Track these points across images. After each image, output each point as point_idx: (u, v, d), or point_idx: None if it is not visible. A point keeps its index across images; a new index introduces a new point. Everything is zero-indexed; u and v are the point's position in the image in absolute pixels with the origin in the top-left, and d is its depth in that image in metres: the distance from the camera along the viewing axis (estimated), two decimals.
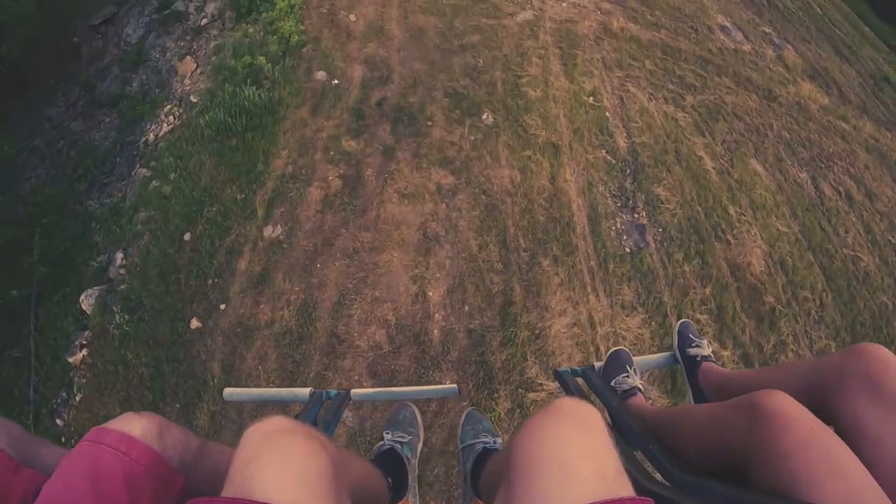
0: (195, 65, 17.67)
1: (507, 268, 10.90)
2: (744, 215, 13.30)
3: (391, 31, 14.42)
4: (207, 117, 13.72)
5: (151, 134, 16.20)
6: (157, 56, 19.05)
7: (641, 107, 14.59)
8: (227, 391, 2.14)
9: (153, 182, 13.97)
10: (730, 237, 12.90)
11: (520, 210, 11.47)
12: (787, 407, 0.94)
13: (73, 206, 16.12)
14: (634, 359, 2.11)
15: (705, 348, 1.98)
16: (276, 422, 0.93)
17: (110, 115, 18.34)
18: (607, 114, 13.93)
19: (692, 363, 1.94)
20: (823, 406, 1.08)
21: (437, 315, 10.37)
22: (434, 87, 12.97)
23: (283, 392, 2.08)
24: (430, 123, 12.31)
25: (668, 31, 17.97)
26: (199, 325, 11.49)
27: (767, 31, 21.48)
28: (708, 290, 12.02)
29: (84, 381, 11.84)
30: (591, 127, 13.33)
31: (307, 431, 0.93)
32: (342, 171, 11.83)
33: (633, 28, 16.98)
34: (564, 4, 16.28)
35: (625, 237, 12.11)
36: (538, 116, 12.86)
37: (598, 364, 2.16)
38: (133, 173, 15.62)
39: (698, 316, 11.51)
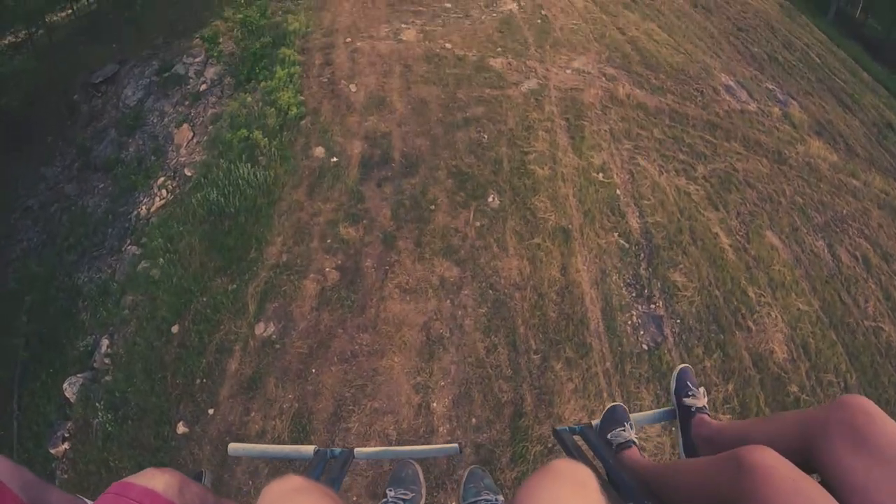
0: (192, 133, 17.12)
1: (517, 373, 10.09)
2: (763, 296, 12.62)
3: (392, 102, 13.87)
4: (200, 196, 13.05)
5: (143, 207, 15.55)
6: (155, 121, 18.53)
7: (653, 181, 14.00)
8: (232, 446, 2.15)
9: (142, 263, 13.26)
10: (750, 323, 12.19)
11: (530, 306, 10.71)
12: (771, 461, 0.96)
13: (62, 279, 15.46)
14: (631, 415, 2.12)
15: (701, 399, 1.97)
16: (293, 481, 0.98)
17: (104, 181, 17.73)
18: (618, 191, 13.31)
19: (686, 413, 1.95)
20: (810, 457, 1.11)
21: (441, 429, 9.52)
22: (437, 166, 12.34)
23: (288, 449, 2.12)
24: (432, 207, 11.63)
25: (674, 95, 17.55)
26: (186, 430, 10.59)
27: (771, 87, 21.27)
28: (731, 387, 11.24)
29: (65, 476, 11.02)
30: (601, 207, 12.68)
31: (322, 490, 0.99)
32: (339, 262, 11.09)
33: (639, 94, 16.53)
34: (569, 72, 15.82)
35: (641, 332, 11.35)
36: (547, 198, 12.21)
37: (595, 422, 2.17)
38: (123, 249, 14.96)
39: (722, 416, 10.71)
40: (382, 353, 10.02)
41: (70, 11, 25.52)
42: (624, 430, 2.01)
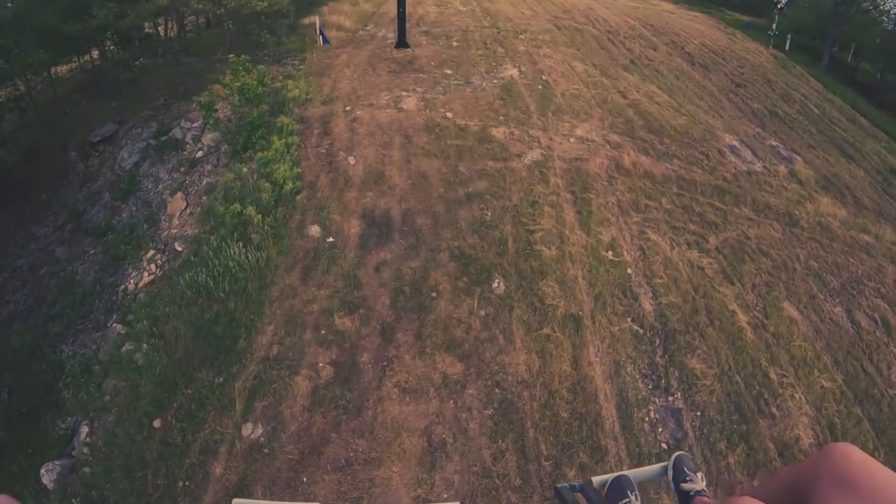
0: (185, 203, 16.61)
1: (527, 483, 9.18)
2: (786, 376, 11.84)
3: (392, 177, 13.38)
4: (188, 277, 12.37)
5: (132, 281, 14.93)
6: (150, 186, 18.07)
7: (664, 257, 13.37)
8: (236, 501, 2.02)
9: (126, 344, 12.52)
10: (774, 408, 11.34)
11: (539, 406, 9.87)
12: None
13: (46, 350, 14.86)
14: (630, 472, 2.12)
15: (699, 483, 1.99)
16: None
17: (95, 247, 17.15)
18: (629, 270, 12.65)
19: (685, 498, 1.96)
20: None
21: None
22: (439, 248, 11.72)
23: None
24: (434, 295, 10.94)
25: (679, 160, 17.17)
26: None
27: (774, 143, 21.05)
28: (756, 482, 10.35)
29: None
30: (613, 289, 11.99)
31: None
32: (334, 356, 10.30)
33: (645, 162, 16.11)
34: (572, 140, 15.44)
35: (660, 428, 10.47)
36: (555, 281, 11.54)
37: (596, 478, 2.12)
38: (109, 325, 14.27)
39: None
40: (380, 462, 9.14)
41: (75, 64, 25.53)
42: (629, 502, 2.04)
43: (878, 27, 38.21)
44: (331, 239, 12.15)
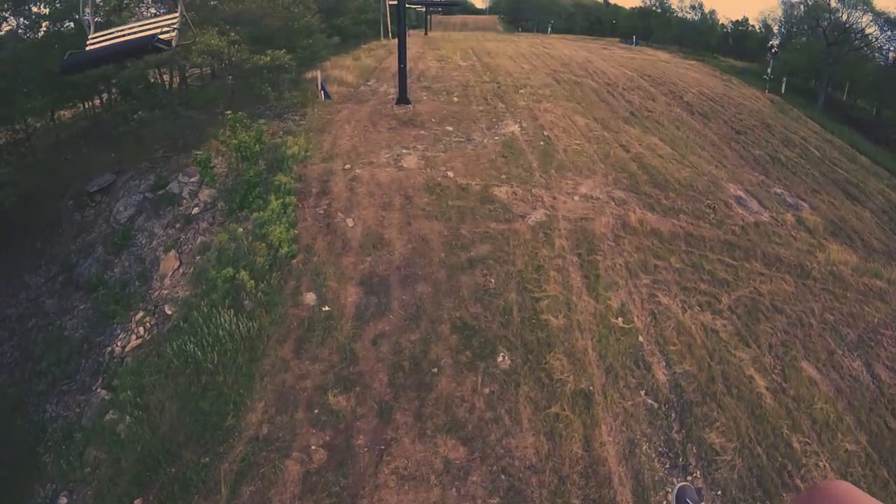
0: (178, 262, 16.22)
1: None
2: (808, 444, 11.04)
3: (391, 240, 12.95)
4: (176, 345, 11.78)
5: (119, 343, 14.41)
6: (143, 242, 17.74)
7: (677, 321, 12.75)
8: None
9: (110, 413, 11.88)
10: (798, 480, 10.48)
11: (549, 493, 9.07)
12: None
13: (30, 409, 14.30)
14: None
15: None
16: None
17: (85, 302, 16.71)
18: (640, 338, 12.02)
19: None
20: None
21: None
22: (440, 319, 11.14)
23: None
24: (435, 371, 10.29)
25: (686, 214, 16.79)
26: None
27: (779, 191, 20.82)
28: None
29: None
30: (624, 360, 11.33)
31: None
32: (328, 438, 9.58)
33: (651, 219, 15.72)
34: (577, 199, 15.10)
35: None
36: (563, 354, 10.90)
37: None
38: (93, 388, 13.71)
39: None
40: None
41: (79, 109, 25.64)
42: None
43: (871, 64, 38.86)
44: (326, 308, 11.60)
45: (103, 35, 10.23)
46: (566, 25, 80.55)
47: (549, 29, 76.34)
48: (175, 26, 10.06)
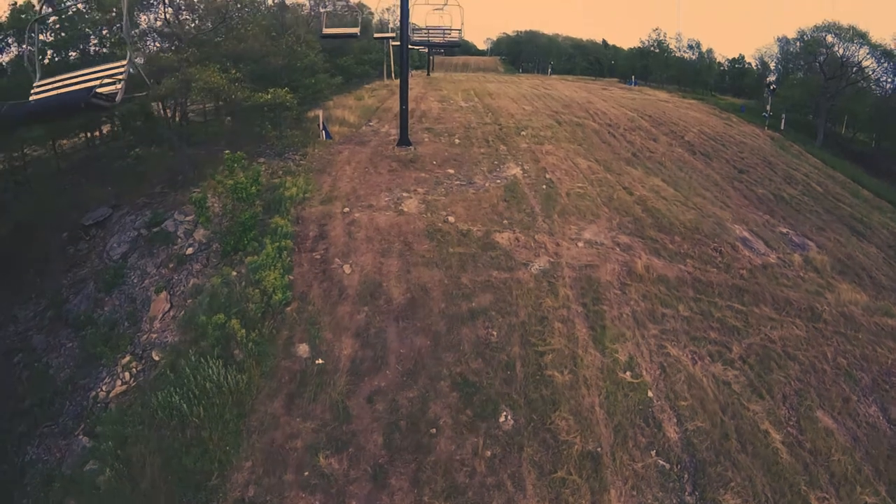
0: (169, 305, 15.78)
1: None
2: (827, 498, 10.42)
3: (389, 289, 12.49)
4: (161, 397, 11.18)
5: (104, 388, 13.86)
6: (136, 280, 17.37)
7: (687, 374, 12.17)
8: None
9: (90, 462, 11.26)
10: None
11: None
12: None
13: (10, 449, 13.56)
14: None
15: None
16: None
17: (73, 340, 16.13)
18: (650, 393, 11.42)
19: None
20: None
21: None
22: (439, 375, 10.58)
23: None
24: (433, 431, 9.68)
25: (693, 259, 16.36)
26: None
27: (784, 230, 20.47)
28: None
29: None
30: (633, 418, 10.71)
31: None
32: None
33: (657, 265, 15.30)
34: (581, 245, 14.71)
35: None
36: (569, 412, 10.29)
37: None
38: (75, 434, 13.14)
39: None
40: None
41: (82, 137, 25.44)
42: None
43: (869, 97, 39.12)
44: (320, 361, 11.06)
45: (49, 83, 8.33)
46: (566, 66, 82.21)
47: (550, 70, 77.82)
48: (121, 77, 7.96)
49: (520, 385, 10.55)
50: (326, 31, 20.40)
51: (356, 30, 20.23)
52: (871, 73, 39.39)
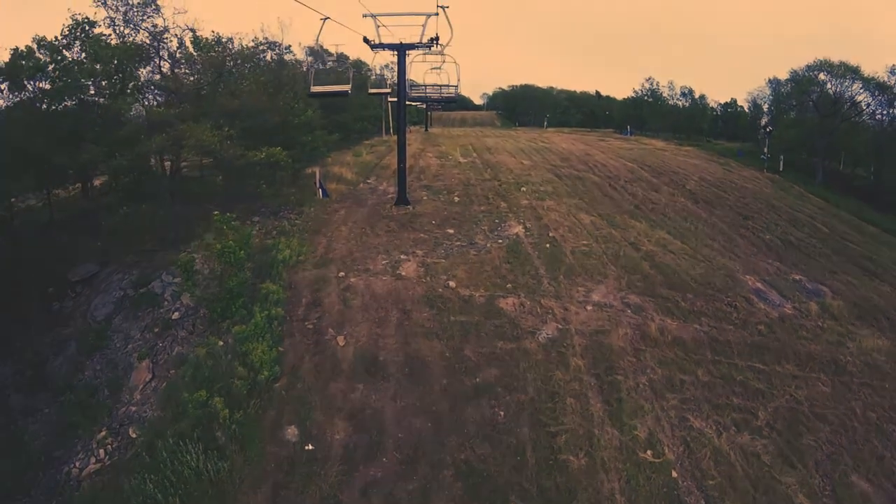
0: (150, 374, 14.83)
1: None
2: None
3: (386, 364, 11.58)
4: (134, 483, 10.06)
5: (78, 464, 12.79)
6: (119, 345, 16.54)
7: (713, 448, 11.07)
8: None
9: None
10: None
11: None
12: None
13: None
14: None
15: None
16: None
17: (51, 406, 15.26)
18: (674, 473, 10.30)
19: None
20: None
21: None
22: (441, 462, 9.53)
23: None
24: None
25: (708, 317, 15.49)
26: None
27: (797, 277, 19.73)
28: None
29: None
30: (658, 503, 9.60)
31: None
32: None
33: (672, 326, 14.42)
34: (590, 308, 13.88)
35: None
36: (587, 502, 9.18)
37: None
38: None
39: None
40: None
41: (79, 187, 24.92)
42: None
43: (866, 131, 39.15)
44: (310, 446, 10.03)
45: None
46: (561, 119, 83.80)
47: (546, 123, 79.20)
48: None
49: (531, 472, 9.47)
50: (315, 88, 20.16)
51: (347, 87, 20.11)
52: (865, 106, 39.82)
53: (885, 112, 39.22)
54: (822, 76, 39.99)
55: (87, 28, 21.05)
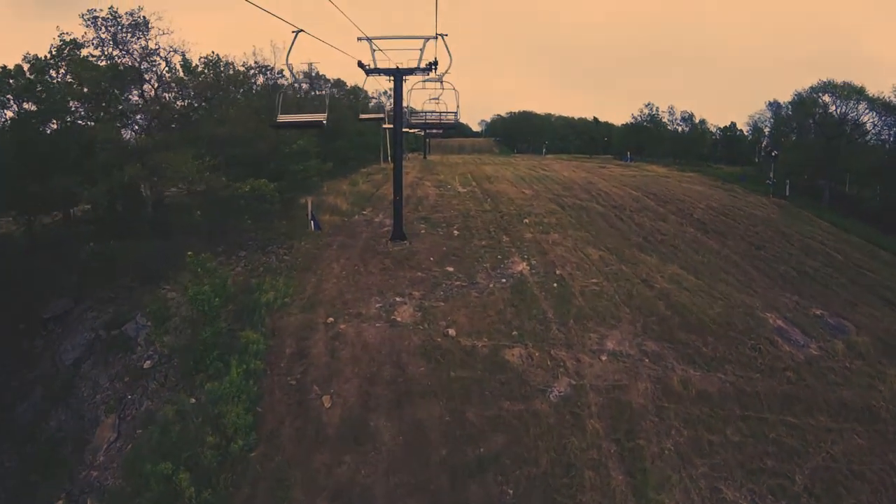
0: (115, 433, 13.31)
1: None
2: None
3: (378, 430, 10.14)
4: None
5: None
6: (86, 393, 15.10)
7: None
8: None
9: None
10: None
11: None
12: None
13: None
14: None
15: None
16: None
17: (11, 460, 13.94)
18: None
19: None
20: None
21: None
22: None
23: None
24: None
25: (732, 364, 14.12)
26: None
27: (818, 312, 18.54)
28: None
29: None
30: None
31: None
32: None
33: (695, 377, 13.02)
34: (604, 358, 12.49)
35: None
36: None
37: None
38: None
39: None
40: None
41: (62, 216, 23.50)
42: None
43: (872, 152, 38.33)
44: None
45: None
46: (560, 145, 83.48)
47: (544, 150, 78.76)
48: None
49: None
50: (282, 118, 16.29)
51: (321, 117, 16.03)
52: (871, 126, 39.25)
53: (892, 132, 38.59)
54: (826, 98, 39.45)
55: (73, 49, 20.03)
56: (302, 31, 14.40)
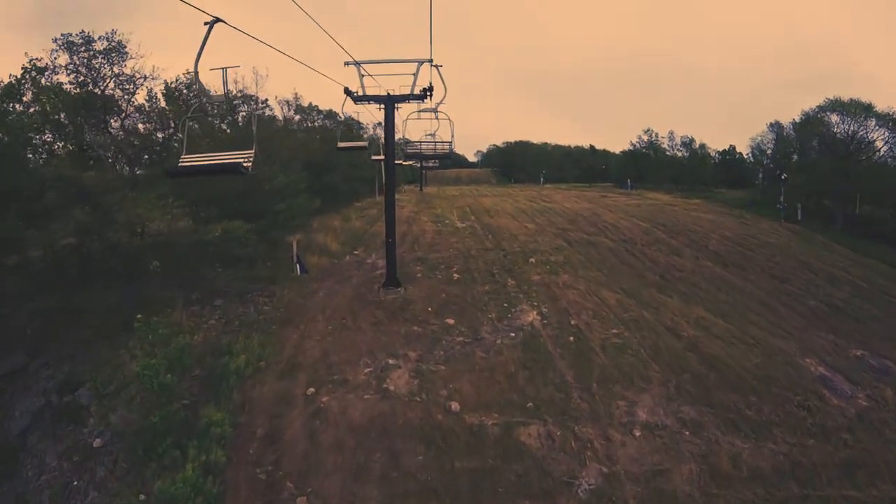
0: None
1: None
2: None
3: None
4: None
5: None
6: (31, 473, 12.88)
7: None
8: None
9: None
10: None
11: None
12: None
13: None
14: None
15: None
16: None
17: None
18: None
19: None
20: None
21: None
22: None
23: None
24: None
25: (781, 429, 12.08)
26: None
27: (858, 353, 16.70)
28: None
29: None
30: None
31: None
32: None
33: (744, 451, 10.93)
34: (638, 434, 10.40)
35: None
36: None
37: None
38: None
39: None
40: None
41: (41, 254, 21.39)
42: None
43: (887, 170, 36.84)
44: None
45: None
46: (557, 175, 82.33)
47: (542, 179, 77.57)
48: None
49: None
50: (185, 160, 14.91)
51: (244, 156, 14.42)
52: (882, 143, 37.92)
53: None
54: (834, 117, 38.22)
55: (36, 75, 18.27)
56: (219, 20, 9.67)
